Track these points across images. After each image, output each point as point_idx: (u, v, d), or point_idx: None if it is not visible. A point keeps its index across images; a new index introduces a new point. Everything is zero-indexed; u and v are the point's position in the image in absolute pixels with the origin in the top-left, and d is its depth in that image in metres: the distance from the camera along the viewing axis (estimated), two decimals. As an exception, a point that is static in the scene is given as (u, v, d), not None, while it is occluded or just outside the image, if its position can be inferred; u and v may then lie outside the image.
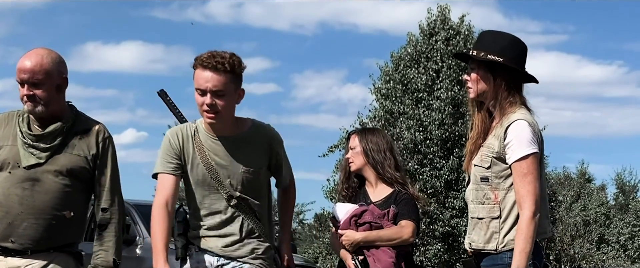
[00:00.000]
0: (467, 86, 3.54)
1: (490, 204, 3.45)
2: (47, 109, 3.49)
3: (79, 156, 3.52)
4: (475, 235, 3.49)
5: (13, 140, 3.54)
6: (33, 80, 3.46)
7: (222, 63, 3.45)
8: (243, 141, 3.62)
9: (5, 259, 3.50)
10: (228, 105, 3.51)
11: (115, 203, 3.58)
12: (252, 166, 3.61)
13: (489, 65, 3.48)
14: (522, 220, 3.33)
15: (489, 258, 3.45)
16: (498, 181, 3.43)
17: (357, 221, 4.33)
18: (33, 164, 3.49)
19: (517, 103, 3.48)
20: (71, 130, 3.55)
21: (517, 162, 3.36)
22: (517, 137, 3.38)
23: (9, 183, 3.49)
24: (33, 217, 3.46)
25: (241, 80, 3.58)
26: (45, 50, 3.53)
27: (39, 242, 3.48)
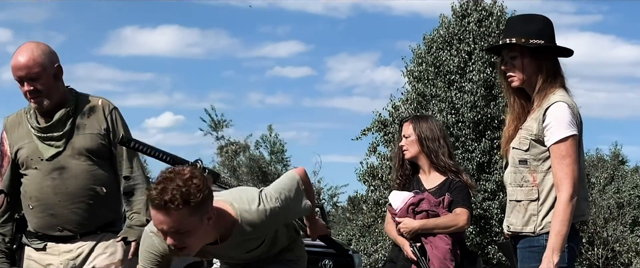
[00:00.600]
0: (509, 75, 3.46)
1: (528, 187, 3.42)
2: (51, 101, 3.60)
3: (92, 134, 3.63)
4: (513, 218, 3.47)
5: (29, 137, 3.66)
6: (30, 75, 3.56)
7: (172, 200, 2.79)
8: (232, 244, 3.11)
9: (58, 245, 3.66)
10: (196, 237, 2.91)
11: (136, 169, 3.69)
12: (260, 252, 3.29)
13: (533, 50, 3.42)
14: (560, 202, 3.30)
15: (526, 240, 3.43)
16: (536, 163, 3.40)
17: (415, 209, 4.43)
18: (54, 154, 3.62)
19: (557, 85, 3.44)
20: (76, 112, 3.66)
21: (556, 145, 3.33)
22: (556, 119, 3.35)
23: (39, 178, 3.63)
24: (69, 202, 3.60)
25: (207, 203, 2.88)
26: (33, 43, 3.63)
27: (83, 224, 3.63)
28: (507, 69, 3.48)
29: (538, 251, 3.35)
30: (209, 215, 2.90)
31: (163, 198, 2.78)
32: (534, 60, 3.42)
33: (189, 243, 2.89)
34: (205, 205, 2.87)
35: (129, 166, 3.69)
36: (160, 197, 2.79)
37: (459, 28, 23.44)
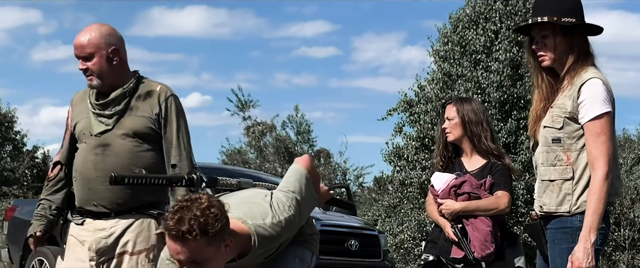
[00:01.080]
0: (540, 54, 3.40)
1: (562, 166, 3.36)
2: (102, 82, 3.70)
3: (143, 117, 3.68)
4: (546, 198, 3.41)
5: (86, 112, 3.77)
6: (83, 54, 3.70)
7: (189, 231, 2.76)
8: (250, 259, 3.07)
9: (94, 222, 3.74)
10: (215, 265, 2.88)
11: (184, 158, 3.70)
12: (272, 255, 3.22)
13: (565, 29, 3.37)
14: (595, 181, 3.25)
15: (558, 221, 3.38)
16: (570, 142, 3.35)
17: (457, 191, 4.46)
18: (102, 131, 3.70)
19: (588, 63, 3.40)
20: (133, 94, 3.72)
21: (591, 122, 3.28)
22: (591, 95, 3.30)
23: (85, 152, 3.74)
24: (106, 179, 3.58)
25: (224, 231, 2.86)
26: (97, 24, 3.72)
27: (117, 203, 3.68)
28: (538, 48, 3.42)
29: (571, 232, 3.32)
30: (226, 242, 2.86)
31: (180, 229, 2.72)
32: (566, 38, 3.37)
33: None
34: (222, 234, 2.82)
35: (178, 154, 3.71)
36: (178, 228, 2.73)
37: (485, 7, 23.28)
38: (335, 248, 9.25)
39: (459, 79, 22.72)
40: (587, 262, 3.21)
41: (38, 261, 10.10)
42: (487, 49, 22.81)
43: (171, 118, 3.71)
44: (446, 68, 22.98)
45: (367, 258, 9.81)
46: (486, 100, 22.32)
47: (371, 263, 9.84)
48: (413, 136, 22.87)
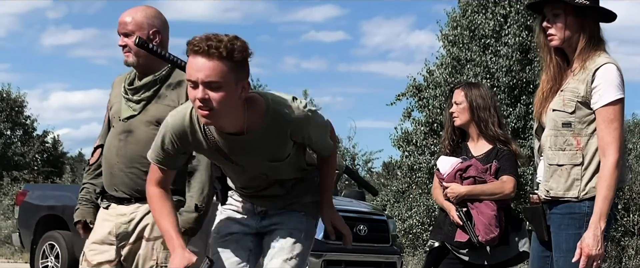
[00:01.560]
0: (550, 33, 3.36)
1: (572, 150, 3.32)
2: (137, 60, 3.70)
3: (169, 106, 3.63)
4: (554, 183, 3.36)
5: (119, 97, 3.78)
6: (124, 30, 3.71)
7: (216, 47, 2.83)
8: (256, 140, 3.07)
9: (117, 207, 3.75)
10: (226, 101, 2.88)
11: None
12: (275, 159, 3.18)
13: (578, 10, 3.33)
14: (606, 167, 3.22)
15: (565, 206, 3.35)
16: (581, 127, 3.31)
17: (462, 175, 4.47)
18: (129, 116, 3.71)
19: (600, 48, 3.35)
20: (165, 81, 3.71)
21: (604, 108, 3.25)
22: (606, 81, 3.26)
23: (111, 136, 3.76)
24: (126, 165, 3.68)
25: (245, 70, 2.93)
26: (144, 6, 3.78)
27: (136, 189, 3.68)
28: (548, 26, 3.38)
29: (579, 218, 3.29)
30: (243, 84, 2.89)
31: (207, 44, 2.80)
32: (578, 19, 3.33)
33: (217, 103, 2.83)
34: (243, 70, 2.88)
35: None
36: (204, 43, 2.81)
37: (495, -9, 23.20)
38: (344, 233, 9.25)
39: (467, 63, 22.68)
40: (596, 249, 3.19)
41: (49, 245, 10.17)
42: (496, 33, 22.75)
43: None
44: (455, 52, 22.94)
45: (375, 243, 9.84)
46: (495, 85, 22.29)
47: (380, 248, 9.88)
48: (422, 121, 22.86)
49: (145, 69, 3.73)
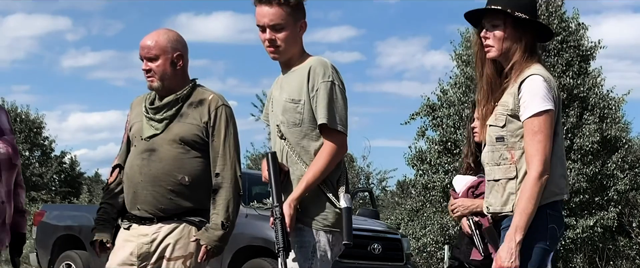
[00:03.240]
0: (487, 44, 3.31)
1: (506, 164, 3.24)
2: (162, 84, 3.75)
3: (192, 124, 3.70)
4: (492, 198, 3.29)
5: (140, 116, 3.81)
6: (149, 55, 3.74)
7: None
8: (294, 72, 3.49)
9: (139, 228, 3.76)
10: (289, 39, 3.43)
11: (227, 168, 3.70)
12: (293, 95, 3.44)
13: (518, 23, 3.28)
14: (527, 179, 3.14)
15: (507, 219, 3.25)
16: (514, 140, 3.23)
17: (474, 192, 4.54)
18: (151, 135, 3.73)
19: (533, 60, 3.29)
20: (186, 100, 3.75)
21: (529, 119, 3.17)
22: (530, 92, 3.19)
23: (133, 155, 3.77)
24: (150, 184, 3.69)
25: (301, 11, 3.47)
26: (164, 29, 3.81)
27: (159, 208, 3.70)
28: (486, 37, 3.32)
29: None
30: (301, 23, 3.43)
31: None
32: (516, 32, 3.28)
33: (282, 41, 3.39)
34: (300, 12, 3.43)
35: (222, 163, 3.71)
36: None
37: (508, 11, 23.26)
38: (358, 252, 9.30)
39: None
40: (509, 261, 3.11)
41: (66, 265, 10.28)
42: (509, 52, 22.78)
43: (219, 127, 3.72)
44: (469, 72, 22.98)
45: (390, 262, 9.88)
46: (509, 104, 22.30)
47: (394, 267, 9.91)
48: (436, 140, 22.90)
49: (168, 91, 3.76)
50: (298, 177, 3.40)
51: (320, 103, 3.36)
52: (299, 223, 3.37)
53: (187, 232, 3.72)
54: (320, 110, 3.37)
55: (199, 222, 3.72)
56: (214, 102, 3.76)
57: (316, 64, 3.41)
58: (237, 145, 3.78)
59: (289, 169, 3.42)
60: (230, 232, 3.68)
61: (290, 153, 3.42)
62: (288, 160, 3.43)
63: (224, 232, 3.64)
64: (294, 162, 3.41)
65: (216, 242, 3.63)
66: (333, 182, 3.40)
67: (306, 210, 3.37)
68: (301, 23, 3.45)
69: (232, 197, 3.67)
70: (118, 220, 3.89)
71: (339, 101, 3.39)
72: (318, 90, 3.37)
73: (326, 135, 3.38)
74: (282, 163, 3.44)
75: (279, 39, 3.40)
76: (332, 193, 3.38)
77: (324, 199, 3.38)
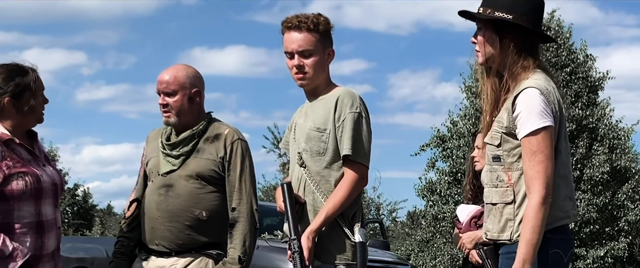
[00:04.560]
0: (475, 49, 3.03)
1: (503, 187, 2.94)
2: (179, 119, 3.74)
3: (208, 159, 3.70)
4: (490, 224, 3.01)
5: (157, 151, 3.82)
6: (167, 90, 3.74)
7: (305, 22, 3.41)
8: (321, 100, 3.48)
9: (156, 259, 3.77)
10: (316, 65, 3.44)
11: (243, 203, 3.70)
12: (318, 124, 3.44)
13: (496, 25, 2.97)
14: (530, 206, 2.83)
15: (505, 247, 2.98)
16: (511, 160, 2.92)
17: (477, 222, 4.52)
18: (168, 171, 3.74)
19: (530, 67, 2.95)
20: (202, 135, 3.76)
21: (526, 138, 2.85)
22: (526, 108, 2.86)
23: (151, 191, 3.79)
24: (167, 219, 3.71)
25: (329, 39, 3.48)
26: (183, 65, 3.84)
27: (177, 243, 3.72)
28: (473, 41, 3.06)
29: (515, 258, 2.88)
30: (329, 50, 3.46)
31: (297, 20, 3.41)
32: (495, 36, 2.98)
33: (310, 67, 3.41)
34: (328, 39, 3.47)
35: (238, 198, 3.72)
36: (295, 20, 3.41)
37: (517, 43, 23.42)
38: (368, 282, 9.35)
39: (491, 114, 22.81)
40: None
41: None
42: (518, 84, 22.91)
43: (235, 162, 3.72)
44: (478, 103, 23.13)
45: (400, 292, 9.93)
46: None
47: (404, 297, 9.97)
48: (446, 171, 23.00)
49: (184, 127, 3.78)
50: (314, 206, 3.40)
51: (345, 134, 3.37)
52: (318, 261, 3.36)
53: (204, 265, 3.73)
54: (345, 141, 3.37)
55: (217, 255, 3.74)
56: (229, 136, 3.77)
57: (344, 94, 3.42)
58: (253, 179, 3.78)
59: (306, 199, 3.42)
60: (247, 266, 3.69)
61: (309, 181, 3.43)
62: (305, 188, 3.44)
63: (241, 266, 3.65)
64: (311, 191, 3.42)
65: None
66: (349, 216, 3.39)
67: (323, 244, 3.36)
68: (329, 51, 3.48)
69: (248, 231, 3.70)
70: (135, 252, 3.91)
71: (364, 133, 3.40)
72: (344, 121, 3.38)
73: (348, 166, 3.37)
74: (298, 195, 3.44)
75: (307, 65, 3.42)
76: (347, 227, 3.38)
77: (340, 233, 3.38)
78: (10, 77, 3.39)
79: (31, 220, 3.38)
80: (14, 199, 3.34)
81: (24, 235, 3.36)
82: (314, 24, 3.41)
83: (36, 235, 3.39)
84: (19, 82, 3.39)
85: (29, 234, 3.38)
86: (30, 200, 3.37)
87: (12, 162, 3.35)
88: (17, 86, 3.38)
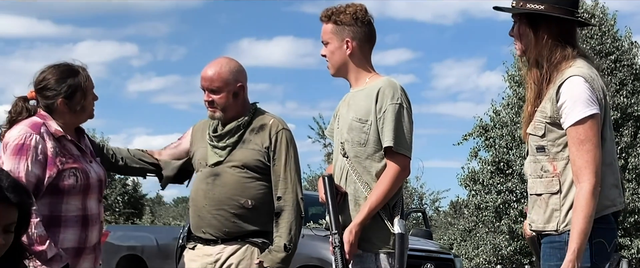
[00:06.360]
0: (514, 43, 3.05)
1: (548, 177, 2.93)
2: (224, 115, 3.82)
3: (254, 150, 3.78)
4: (535, 215, 2.99)
5: (204, 143, 3.90)
6: (211, 87, 3.79)
7: (326, 15, 3.56)
8: (363, 91, 3.53)
9: (203, 248, 3.87)
10: (331, 54, 3.55)
11: (289, 192, 3.77)
12: (360, 115, 3.48)
13: (529, 17, 2.97)
14: (580, 195, 2.80)
15: (549, 237, 2.97)
16: (556, 150, 2.91)
17: None
18: (215, 162, 3.82)
19: (570, 55, 2.94)
20: (248, 127, 3.83)
21: (573, 127, 2.83)
22: (571, 97, 2.85)
23: (198, 180, 3.88)
24: (214, 208, 3.79)
25: (348, 29, 3.54)
26: (225, 59, 3.90)
27: (223, 231, 3.80)
28: (510, 35, 3.08)
29: (559, 247, 2.91)
30: (347, 41, 3.50)
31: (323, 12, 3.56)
32: (529, 28, 2.99)
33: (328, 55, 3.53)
34: (345, 31, 3.51)
35: (284, 187, 3.78)
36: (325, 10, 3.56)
37: (560, 31, 23.24)
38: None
39: (534, 103, 22.69)
40: None
41: (130, 285, 10.57)
42: (562, 72, 22.74)
43: (280, 151, 3.79)
44: (521, 92, 23.03)
45: (442, 282, 9.99)
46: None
47: (447, 286, 10.03)
48: (488, 160, 22.95)
49: (230, 120, 3.85)
50: (355, 197, 3.44)
51: (387, 125, 3.40)
52: (359, 249, 3.40)
53: (249, 253, 3.80)
54: (387, 133, 3.39)
55: (262, 244, 3.80)
56: (274, 126, 3.82)
57: (386, 85, 3.45)
58: (298, 168, 3.84)
59: (347, 190, 3.47)
60: (292, 254, 3.75)
61: (351, 172, 3.47)
62: (347, 178, 3.48)
63: (286, 254, 3.72)
64: (353, 181, 3.46)
65: (279, 263, 3.72)
66: (390, 206, 3.43)
67: (364, 234, 3.40)
68: (347, 41, 3.54)
69: (294, 220, 3.75)
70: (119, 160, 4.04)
71: (405, 124, 3.42)
72: (386, 112, 3.41)
73: (390, 158, 3.40)
74: (339, 185, 3.48)
75: (327, 53, 3.57)
76: (387, 218, 3.42)
77: (381, 223, 3.42)
78: (63, 78, 3.55)
79: (77, 214, 3.54)
80: (64, 193, 3.50)
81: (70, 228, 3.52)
82: (330, 14, 3.54)
83: (81, 229, 3.55)
84: (71, 83, 3.55)
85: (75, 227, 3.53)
86: (78, 194, 3.53)
87: (64, 157, 3.51)
88: (69, 87, 3.54)
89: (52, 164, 3.47)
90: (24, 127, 3.49)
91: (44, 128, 3.50)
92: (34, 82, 3.60)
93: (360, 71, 3.56)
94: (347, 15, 3.51)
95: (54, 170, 3.47)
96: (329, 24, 3.53)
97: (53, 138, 3.51)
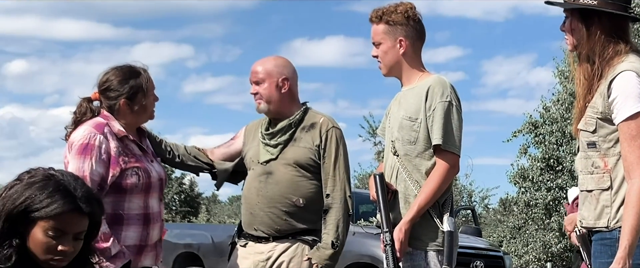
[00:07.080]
0: (565, 37, 3.04)
1: (599, 174, 2.91)
2: (269, 106, 3.91)
3: (305, 148, 3.86)
4: (585, 211, 2.98)
5: (256, 141, 3.99)
6: (256, 79, 3.93)
7: (376, 16, 3.58)
8: (413, 89, 3.56)
9: (255, 245, 3.94)
10: (384, 54, 3.58)
11: (337, 189, 3.82)
12: (410, 113, 3.51)
13: (582, 12, 2.95)
14: (632, 191, 2.77)
15: (600, 234, 2.95)
16: (607, 146, 2.90)
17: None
18: (267, 159, 3.91)
19: (622, 51, 2.92)
20: (299, 125, 3.91)
21: (625, 123, 2.82)
22: (623, 92, 2.83)
23: (251, 178, 3.96)
24: (266, 205, 3.86)
25: (400, 29, 3.57)
26: (274, 56, 4.04)
27: (275, 228, 3.86)
28: (562, 29, 3.06)
29: (610, 244, 2.89)
30: (400, 40, 3.53)
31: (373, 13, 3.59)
32: (582, 23, 2.96)
33: (380, 56, 3.58)
34: (397, 30, 3.55)
35: (332, 184, 3.83)
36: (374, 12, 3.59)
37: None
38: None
39: (584, 99, 22.47)
40: None
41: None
42: (612, 68, 22.48)
43: (330, 149, 3.84)
44: (571, 88, 22.81)
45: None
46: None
47: (496, 284, 10.03)
48: (538, 157, 22.75)
49: (277, 114, 3.93)
50: (405, 195, 3.48)
51: (436, 123, 3.43)
52: (408, 247, 3.45)
53: (300, 251, 3.86)
54: (436, 130, 3.42)
55: (312, 241, 3.86)
56: (324, 125, 3.87)
57: (435, 83, 3.48)
58: (347, 167, 3.90)
59: (397, 188, 3.51)
60: (340, 251, 3.82)
61: (401, 170, 3.50)
62: (397, 177, 3.51)
63: (334, 251, 3.78)
64: (403, 179, 3.49)
65: (327, 260, 3.79)
66: (440, 204, 3.46)
67: (413, 232, 3.43)
68: (400, 40, 3.57)
69: (341, 217, 3.80)
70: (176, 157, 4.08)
71: (454, 122, 3.45)
72: (435, 110, 3.44)
73: (440, 156, 3.43)
74: (390, 183, 3.52)
75: (379, 54, 3.60)
76: (437, 216, 3.45)
77: (430, 220, 3.46)
78: (125, 79, 3.66)
79: (139, 212, 3.65)
80: (126, 192, 3.61)
81: (132, 226, 3.63)
82: (381, 14, 3.57)
83: (143, 226, 3.65)
84: (133, 84, 3.66)
85: (137, 225, 3.64)
86: (140, 193, 3.65)
87: (127, 157, 3.62)
88: (131, 88, 3.66)
89: (116, 163, 3.59)
90: (88, 127, 3.61)
91: (107, 128, 3.62)
92: (97, 83, 3.71)
93: (412, 70, 3.60)
94: (399, 14, 3.55)
95: (117, 169, 3.59)
96: (380, 24, 3.56)
97: (116, 138, 3.63)
